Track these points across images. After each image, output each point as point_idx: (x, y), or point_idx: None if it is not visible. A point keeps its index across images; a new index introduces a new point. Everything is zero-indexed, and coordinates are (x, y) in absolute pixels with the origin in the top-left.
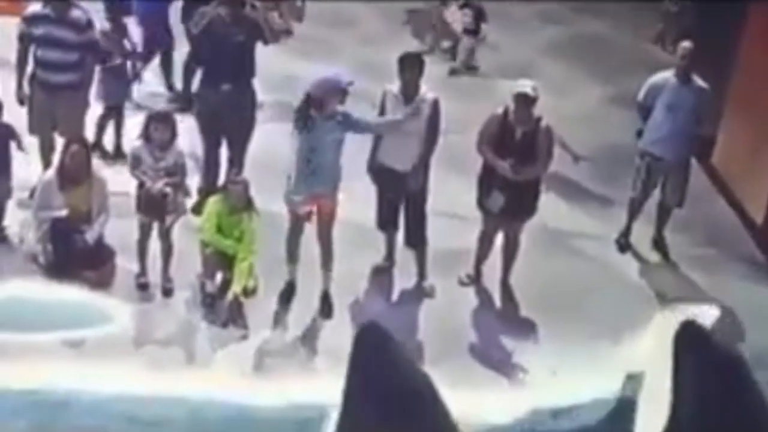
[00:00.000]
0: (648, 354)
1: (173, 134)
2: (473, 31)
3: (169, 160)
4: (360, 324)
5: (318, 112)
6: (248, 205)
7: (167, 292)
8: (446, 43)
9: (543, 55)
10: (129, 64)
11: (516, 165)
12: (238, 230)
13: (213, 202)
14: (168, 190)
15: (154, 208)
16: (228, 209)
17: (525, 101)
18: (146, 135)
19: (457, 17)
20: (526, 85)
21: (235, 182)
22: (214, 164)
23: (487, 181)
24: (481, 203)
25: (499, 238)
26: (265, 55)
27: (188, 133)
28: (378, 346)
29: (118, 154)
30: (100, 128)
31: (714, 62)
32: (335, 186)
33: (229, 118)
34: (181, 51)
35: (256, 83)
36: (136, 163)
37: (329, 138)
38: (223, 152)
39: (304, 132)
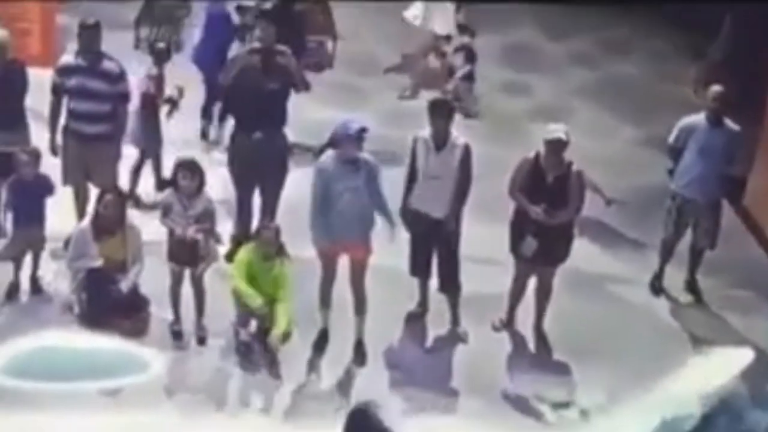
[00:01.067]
0: (681, 398)
1: (201, 182)
2: (468, 77)
3: (198, 208)
4: (356, 404)
5: (337, 156)
6: (280, 250)
7: (201, 341)
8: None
9: (573, 97)
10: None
11: (548, 209)
12: (271, 276)
13: (244, 251)
14: (198, 236)
15: (185, 255)
16: (261, 256)
17: (556, 146)
18: (174, 183)
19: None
20: (558, 130)
21: (267, 228)
22: (247, 212)
23: (520, 226)
24: (514, 249)
25: (532, 283)
26: (296, 100)
27: (222, 180)
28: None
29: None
30: (135, 176)
31: (745, 104)
32: (364, 233)
33: (261, 166)
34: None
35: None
36: (166, 211)
37: (349, 184)
38: (256, 199)
39: (323, 176)
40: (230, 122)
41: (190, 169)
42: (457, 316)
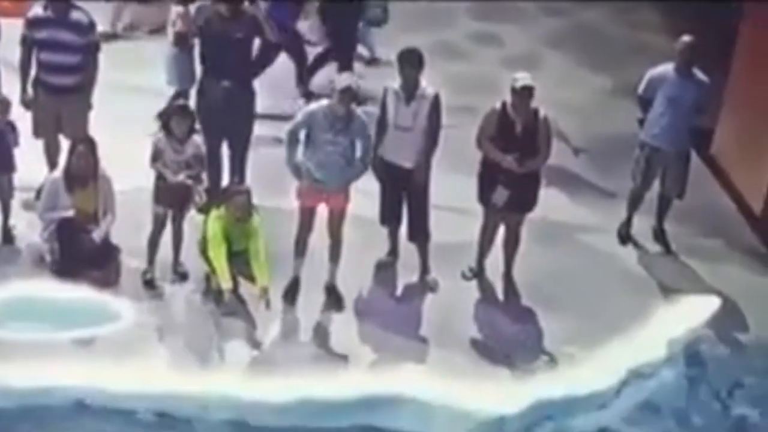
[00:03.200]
0: (648, 345)
1: (192, 127)
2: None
3: (188, 153)
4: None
5: (327, 108)
6: (251, 209)
7: (183, 276)
8: None
9: (544, 46)
10: None
11: (519, 158)
12: (244, 233)
13: (216, 218)
14: (189, 181)
15: (173, 198)
16: (233, 219)
17: (524, 94)
18: (167, 128)
19: None
20: (525, 78)
21: (238, 192)
22: (216, 161)
23: (489, 176)
24: (483, 199)
25: (501, 232)
26: None
27: None
28: None
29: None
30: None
31: (713, 54)
32: (346, 183)
33: (228, 116)
34: None
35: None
36: (156, 155)
37: (335, 138)
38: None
39: (309, 122)
40: None
41: (182, 114)
42: (427, 264)
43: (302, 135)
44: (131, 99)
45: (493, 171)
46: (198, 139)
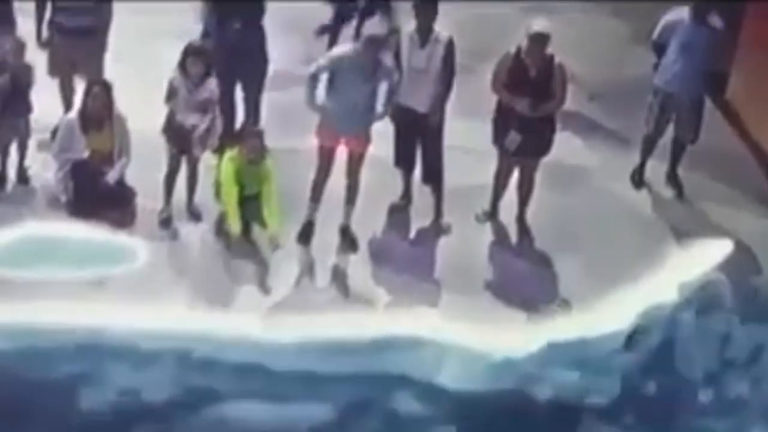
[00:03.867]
0: (661, 288)
1: (208, 69)
2: None
3: (202, 94)
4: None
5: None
6: (264, 152)
7: (197, 217)
8: None
9: None
10: None
11: (533, 102)
12: (257, 175)
13: (229, 160)
14: (201, 124)
15: (183, 140)
16: (246, 162)
17: (539, 40)
18: (183, 68)
19: None
20: (539, 24)
21: (252, 134)
22: (229, 104)
23: (503, 120)
24: (498, 142)
25: (515, 176)
26: None
27: None
28: None
29: None
30: None
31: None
32: (366, 127)
33: (240, 58)
34: None
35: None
36: (171, 94)
37: (362, 83)
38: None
39: (337, 64)
40: None
41: (198, 55)
42: (441, 207)
43: (324, 77)
44: (150, 41)
45: (508, 115)
46: (214, 82)
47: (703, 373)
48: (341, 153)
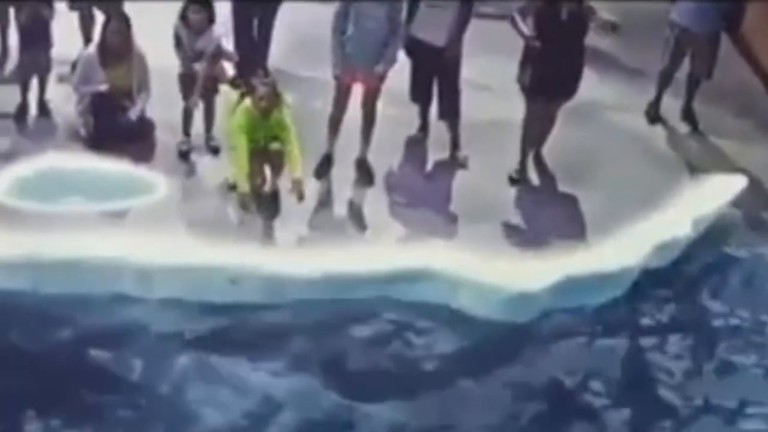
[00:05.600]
0: (675, 222)
1: (210, 18)
2: None
3: (204, 43)
4: None
5: None
6: (278, 100)
7: (215, 150)
8: None
9: None
10: None
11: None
12: (272, 125)
13: (241, 111)
14: (200, 71)
15: (188, 87)
16: (259, 112)
17: None
18: (184, 17)
19: None
20: None
21: (264, 84)
22: (244, 32)
23: (530, 63)
24: (523, 86)
25: None
26: None
27: None
28: None
29: None
30: None
31: None
32: (380, 62)
33: None
34: None
35: None
36: (177, 41)
37: (371, 13)
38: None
39: (349, 3)
40: None
41: (199, 4)
42: (458, 141)
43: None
44: None
45: (534, 57)
46: (217, 31)
47: (717, 305)
48: (357, 87)
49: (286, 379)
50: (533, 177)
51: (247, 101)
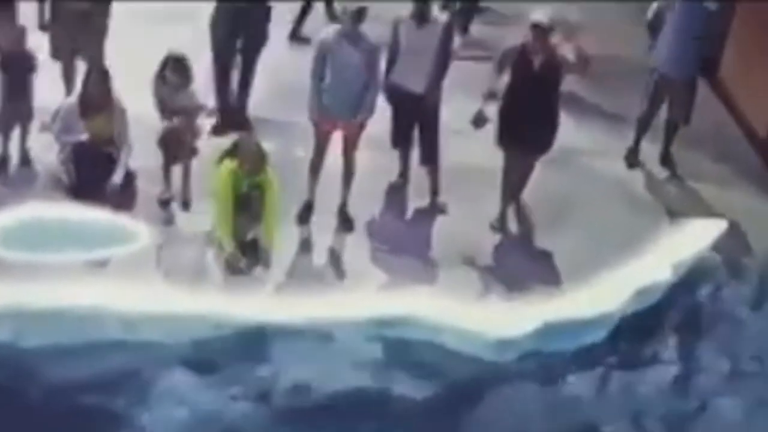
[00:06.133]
0: (655, 267)
1: (188, 78)
2: None
3: (182, 101)
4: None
5: (338, 31)
6: (263, 160)
7: (185, 205)
8: None
9: None
10: None
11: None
12: (259, 188)
13: (225, 171)
14: (177, 125)
15: (167, 143)
16: (244, 173)
17: (538, 31)
18: (162, 76)
19: None
20: (539, 14)
21: (249, 143)
22: (224, 80)
23: (507, 116)
24: (501, 142)
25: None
26: None
27: None
28: None
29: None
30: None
31: None
32: (359, 109)
33: (243, 30)
34: None
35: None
36: (156, 100)
37: (348, 60)
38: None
39: (323, 49)
40: None
41: (176, 65)
42: (437, 187)
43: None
44: (150, 24)
45: (512, 111)
46: (193, 89)
47: (695, 349)
48: (337, 134)
49: (272, 426)
50: (514, 223)
51: (233, 162)
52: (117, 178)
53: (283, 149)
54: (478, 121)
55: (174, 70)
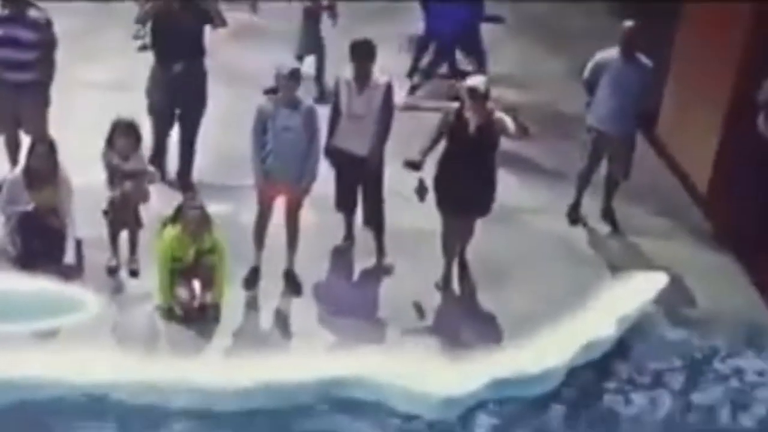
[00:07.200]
0: (598, 322)
1: (137, 142)
2: None
3: (131, 165)
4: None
5: (276, 97)
6: (207, 223)
7: (133, 273)
8: None
9: (499, 32)
10: None
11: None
12: (203, 251)
13: (168, 236)
14: (127, 189)
15: (116, 210)
16: (189, 237)
17: (474, 96)
18: (110, 142)
19: None
20: (475, 80)
21: (193, 207)
22: (161, 144)
23: (444, 180)
24: (440, 205)
25: None
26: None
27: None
28: None
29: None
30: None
31: (656, 36)
32: (301, 174)
33: (181, 95)
34: None
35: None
36: (104, 164)
37: (287, 124)
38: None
39: (262, 116)
40: None
41: (126, 131)
42: (383, 248)
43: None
44: (90, 93)
45: (448, 175)
46: (142, 154)
47: (638, 404)
48: (281, 199)
49: None
50: (459, 281)
51: (175, 227)
52: (68, 259)
53: (228, 214)
54: (421, 191)
55: (123, 135)
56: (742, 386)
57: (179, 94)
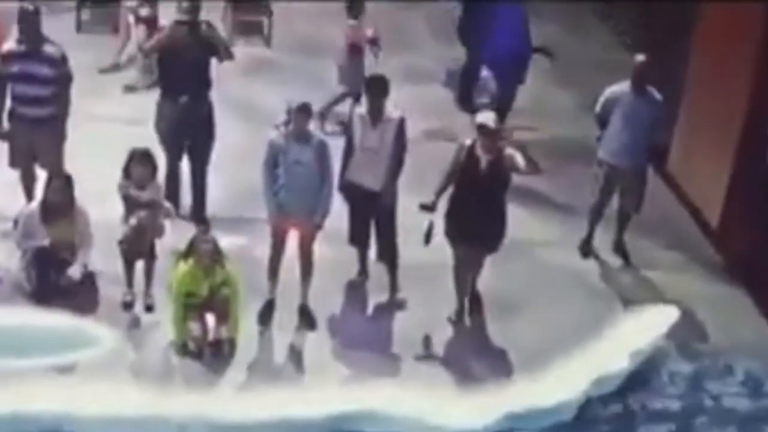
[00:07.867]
0: (610, 356)
1: (153, 171)
2: None
3: (148, 195)
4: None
5: (288, 131)
6: (219, 257)
7: (149, 308)
8: None
9: None
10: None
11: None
12: (216, 285)
13: (181, 271)
14: (143, 219)
15: (129, 240)
16: (201, 272)
17: (484, 132)
18: (127, 172)
19: None
20: (483, 116)
21: (205, 241)
22: (173, 177)
23: (455, 214)
24: (449, 235)
25: None
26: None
27: None
28: None
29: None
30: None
31: (667, 71)
32: (313, 207)
33: (188, 129)
34: None
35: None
36: (120, 195)
37: (298, 158)
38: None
39: (273, 150)
40: None
41: (141, 158)
42: (396, 283)
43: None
44: (104, 126)
45: (459, 209)
46: (158, 182)
47: None
48: (294, 232)
49: None
50: (472, 315)
51: (188, 262)
52: (75, 273)
53: (243, 247)
54: (428, 235)
55: (139, 164)
56: (755, 420)
57: (186, 127)
